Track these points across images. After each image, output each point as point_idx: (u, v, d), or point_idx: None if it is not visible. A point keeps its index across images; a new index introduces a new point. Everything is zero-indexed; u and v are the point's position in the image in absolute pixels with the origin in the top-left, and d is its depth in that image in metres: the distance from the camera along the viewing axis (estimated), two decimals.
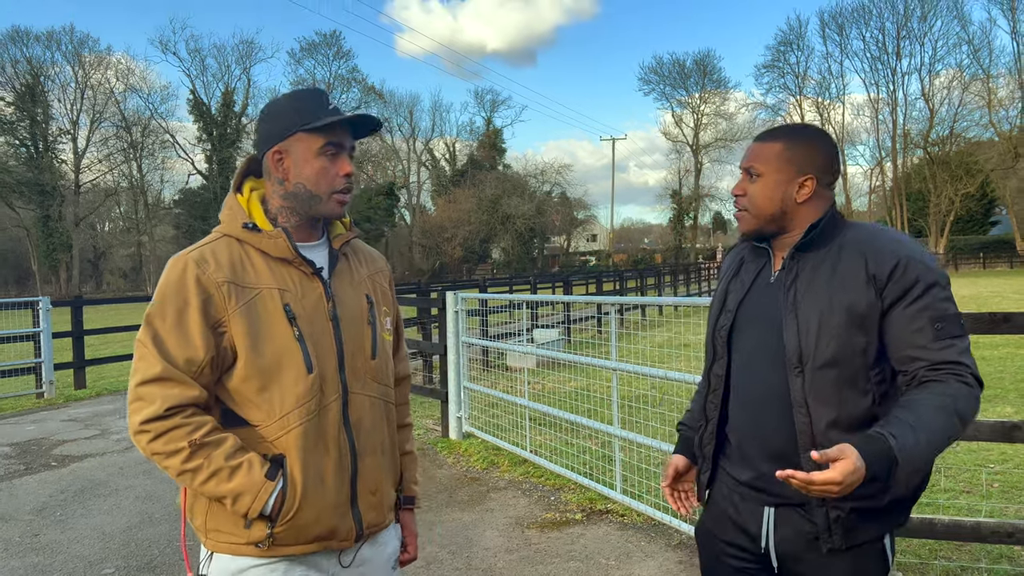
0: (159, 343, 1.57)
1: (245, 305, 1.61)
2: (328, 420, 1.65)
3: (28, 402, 10.19)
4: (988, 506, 4.70)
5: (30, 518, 5.21)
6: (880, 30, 57.88)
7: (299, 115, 1.66)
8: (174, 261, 1.63)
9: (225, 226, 1.70)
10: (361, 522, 1.71)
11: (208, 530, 1.65)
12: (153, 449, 1.55)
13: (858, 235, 1.72)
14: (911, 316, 1.62)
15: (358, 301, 1.77)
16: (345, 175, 1.70)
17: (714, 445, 1.90)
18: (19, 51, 50.31)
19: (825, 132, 1.82)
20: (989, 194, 56.63)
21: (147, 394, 1.56)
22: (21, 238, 52.39)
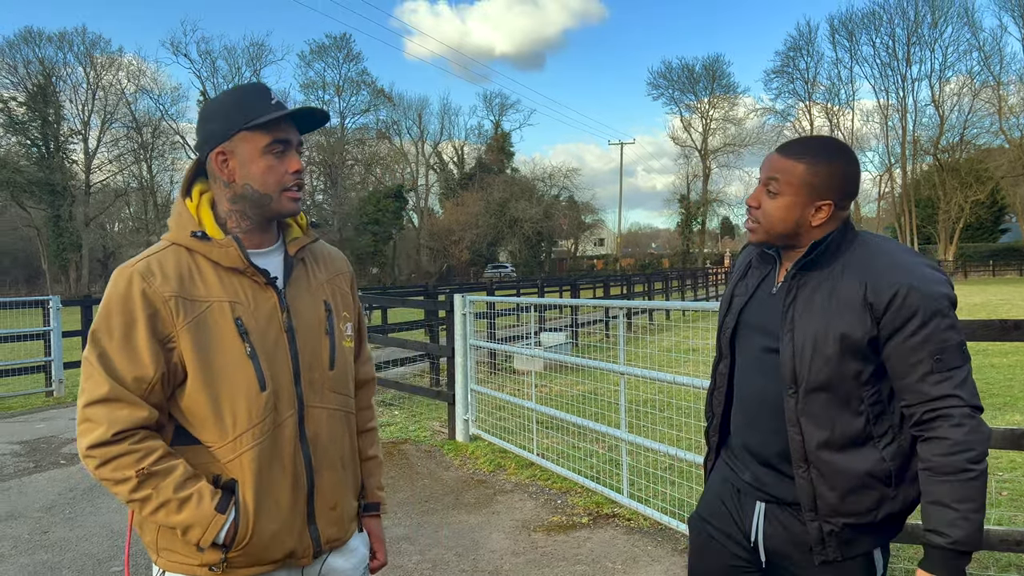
0: (106, 361, 1.49)
1: (194, 320, 1.52)
2: (283, 438, 1.59)
3: (38, 400, 10.24)
4: (997, 514, 4.68)
5: (39, 515, 5.24)
6: (890, 36, 57.81)
7: (241, 113, 1.58)
8: (119, 273, 1.55)
9: (173, 234, 1.60)
10: (319, 539, 1.66)
11: (160, 548, 1.59)
12: (101, 475, 1.48)
13: (864, 257, 1.69)
14: (910, 349, 1.61)
15: (315, 310, 1.69)
16: (294, 172, 1.61)
17: (718, 438, 1.98)
18: (31, 52, 50.65)
19: (851, 151, 1.77)
20: (999, 201, 56.43)
21: (94, 416, 1.48)
22: (32, 238, 52.66)
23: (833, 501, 1.69)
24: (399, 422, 8.26)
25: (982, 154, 54.85)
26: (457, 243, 58.29)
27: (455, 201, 61.54)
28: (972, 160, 54.79)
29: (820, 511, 1.70)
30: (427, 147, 67.75)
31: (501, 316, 12.77)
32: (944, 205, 54.94)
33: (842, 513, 1.68)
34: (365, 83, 62.48)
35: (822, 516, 1.70)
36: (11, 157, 49.21)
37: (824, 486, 1.69)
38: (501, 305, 10.50)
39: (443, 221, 62.14)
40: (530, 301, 8.94)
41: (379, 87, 63.34)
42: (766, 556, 1.82)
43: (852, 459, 1.67)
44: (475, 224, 57.95)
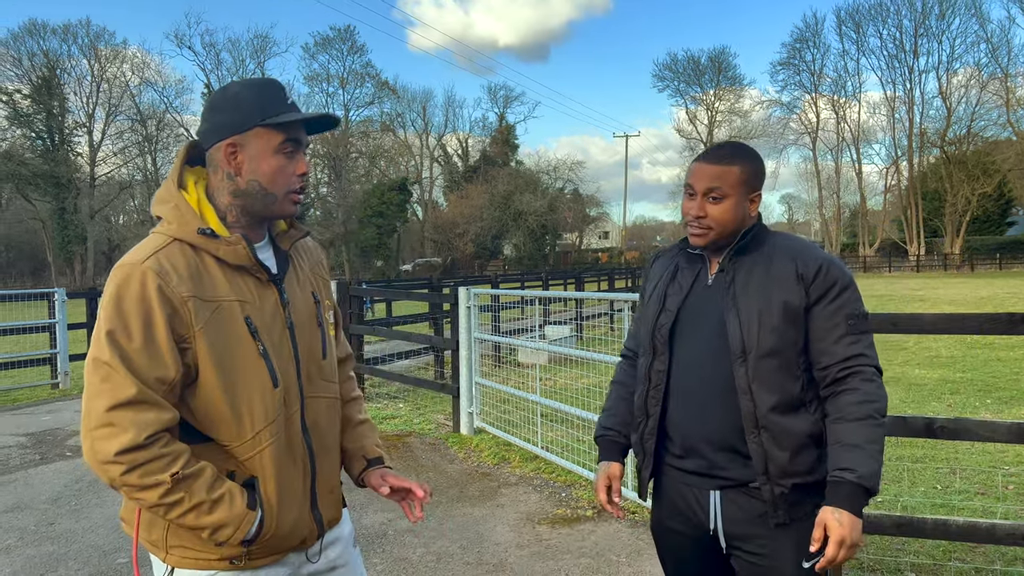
0: (129, 362, 1.43)
1: (208, 321, 1.51)
2: (292, 431, 1.63)
3: (43, 392, 10.28)
4: (1003, 508, 4.66)
5: (45, 507, 5.26)
6: (897, 27, 57.52)
7: (259, 108, 1.56)
8: (129, 271, 1.47)
9: (175, 229, 1.54)
10: (322, 522, 1.72)
11: (170, 547, 1.57)
12: (125, 481, 1.43)
13: (786, 242, 1.94)
14: (831, 313, 1.84)
15: (307, 303, 1.71)
16: (301, 174, 1.62)
17: (655, 439, 2.00)
18: (36, 44, 50.70)
19: (755, 151, 2.01)
20: (1006, 194, 56.13)
21: (119, 420, 1.42)
22: (37, 230, 52.82)
23: (783, 462, 1.82)
24: (403, 415, 8.27)
25: (989, 146, 54.57)
26: (461, 236, 58.27)
27: (459, 194, 61.48)
28: (979, 153, 54.51)
29: (771, 474, 1.83)
30: (431, 140, 67.73)
31: (505, 309, 12.77)
32: (951, 198, 54.72)
33: (790, 473, 1.83)
34: (369, 75, 62.44)
35: (773, 479, 1.83)
36: (16, 150, 49.32)
37: (775, 448, 1.82)
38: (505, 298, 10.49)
39: (447, 214, 62.11)
40: (534, 294, 8.92)
41: (383, 79, 63.31)
42: (726, 541, 1.92)
43: (795, 421, 1.84)
44: (479, 217, 57.90)
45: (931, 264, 53.17)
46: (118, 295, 1.46)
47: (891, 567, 3.84)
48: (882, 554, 3.96)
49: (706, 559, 1.99)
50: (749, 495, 1.87)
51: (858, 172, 62.20)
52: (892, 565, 3.85)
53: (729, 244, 1.94)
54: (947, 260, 52.51)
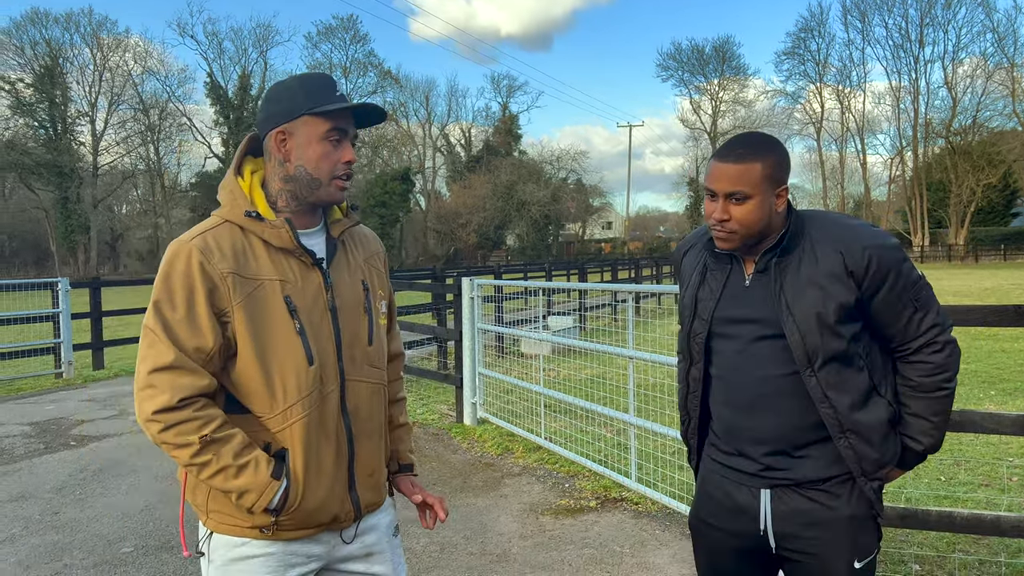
0: (170, 331, 1.57)
1: (248, 297, 1.61)
2: (328, 410, 1.68)
3: (47, 382, 10.30)
4: (1008, 500, 4.65)
5: (50, 496, 5.28)
6: (903, 17, 57.19)
7: (307, 98, 1.66)
8: (177, 248, 1.61)
9: (227, 211, 1.67)
10: (359, 504, 1.76)
11: (210, 511, 1.67)
12: (163, 439, 1.56)
13: (825, 230, 1.82)
14: (894, 299, 1.79)
15: (355, 289, 1.78)
16: (346, 162, 1.69)
17: (698, 438, 2.06)
18: (38, 33, 50.67)
19: (777, 139, 1.88)
20: (1011, 185, 55.86)
21: (158, 382, 1.55)
22: (40, 219, 52.89)
23: (875, 456, 1.82)
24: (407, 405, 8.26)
25: (995, 137, 54.29)
26: (464, 226, 58.22)
27: (462, 184, 61.40)
28: (984, 143, 54.26)
29: (867, 472, 1.82)
30: (434, 129, 67.55)
31: (509, 300, 12.76)
32: (956, 188, 54.51)
33: (883, 464, 1.84)
34: (372, 64, 62.37)
35: (869, 475, 1.82)
36: (19, 139, 49.33)
37: (865, 446, 1.80)
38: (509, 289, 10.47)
39: (450, 204, 62.05)
40: (538, 285, 8.91)
41: (386, 69, 63.20)
42: (776, 540, 1.88)
43: (873, 413, 1.81)
44: (482, 207, 57.83)
45: (935, 255, 53.02)
46: (167, 270, 1.60)
47: (895, 559, 3.83)
48: (886, 546, 3.95)
49: (747, 559, 1.96)
50: (800, 495, 1.85)
51: (862, 163, 62.03)
52: (896, 557, 3.85)
53: (759, 242, 1.83)
54: (951, 251, 52.36)
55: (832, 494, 1.83)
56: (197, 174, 58.39)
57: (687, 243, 2.08)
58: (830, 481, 1.83)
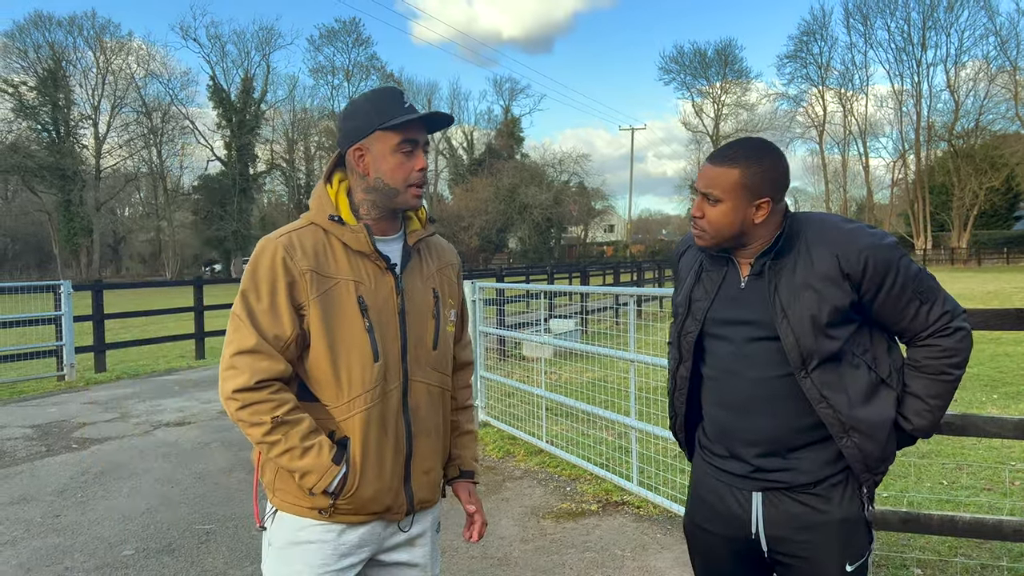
0: (254, 319, 1.71)
1: (324, 293, 1.74)
2: (389, 405, 1.79)
3: (49, 384, 10.31)
4: (1010, 504, 4.64)
5: (51, 499, 5.28)
6: (906, 20, 57.17)
7: (377, 114, 1.77)
8: (265, 243, 1.76)
9: (314, 215, 1.82)
10: (412, 499, 1.86)
11: (276, 489, 1.80)
12: (239, 416, 1.70)
13: (819, 232, 1.81)
14: (897, 298, 1.78)
15: (425, 296, 1.89)
16: (420, 169, 1.80)
17: (685, 433, 2.10)
18: (41, 36, 50.81)
19: (777, 148, 1.85)
20: (1014, 188, 55.82)
21: (240, 364, 1.70)
22: (43, 222, 53.01)
23: (879, 453, 1.81)
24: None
25: (997, 140, 54.24)
26: (466, 229, 58.22)
27: (464, 187, 61.43)
28: (987, 146, 54.21)
29: (871, 468, 1.82)
30: (436, 132, 67.53)
31: (510, 303, 12.75)
32: (958, 192, 54.46)
33: (886, 458, 1.83)
34: (375, 68, 62.42)
35: (873, 471, 1.83)
36: (22, 142, 49.45)
37: (869, 443, 1.79)
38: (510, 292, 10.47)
39: (452, 207, 62.05)
40: (539, 288, 8.91)
41: (389, 72, 63.25)
42: (768, 544, 1.88)
43: (876, 409, 1.79)
44: (484, 210, 57.85)
45: (938, 258, 52.96)
46: (255, 263, 1.75)
47: (897, 563, 3.82)
48: (888, 550, 3.95)
49: (741, 562, 1.95)
50: (792, 499, 1.84)
51: (865, 166, 61.99)
52: (898, 561, 3.84)
53: (747, 244, 1.85)
54: (954, 254, 52.31)
55: (823, 497, 1.82)
56: (199, 177, 58.43)
57: (685, 242, 2.09)
58: (822, 484, 1.82)
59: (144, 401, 8.93)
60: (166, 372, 11.47)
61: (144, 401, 8.93)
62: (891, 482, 5.07)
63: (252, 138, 56.30)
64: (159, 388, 9.88)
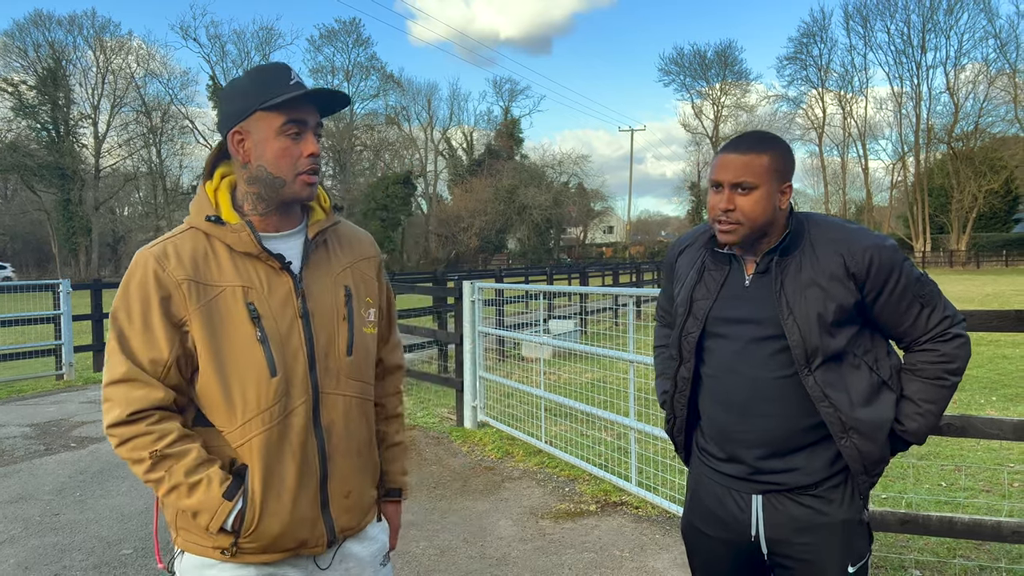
0: (124, 343, 1.52)
1: (205, 304, 1.53)
2: (294, 425, 1.57)
3: (48, 383, 10.30)
4: (1008, 505, 4.64)
5: (50, 498, 5.27)
6: (905, 23, 57.19)
7: (258, 92, 1.54)
8: (137, 256, 1.57)
9: (192, 218, 1.61)
10: (333, 528, 1.64)
11: (178, 527, 1.62)
12: (121, 454, 1.52)
13: (827, 232, 1.82)
14: (898, 299, 1.79)
15: (334, 294, 1.66)
16: (309, 155, 1.57)
17: (684, 437, 2.05)
18: (41, 35, 50.73)
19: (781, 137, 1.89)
20: (1013, 191, 55.88)
21: (113, 396, 1.52)
22: (42, 221, 52.90)
23: (877, 454, 1.80)
24: (407, 409, 8.26)
25: (997, 143, 54.30)
26: (466, 230, 58.21)
27: (464, 187, 61.38)
28: (986, 149, 54.25)
29: (869, 470, 1.81)
30: (436, 133, 67.51)
31: (510, 303, 12.75)
32: (957, 194, 54.48)
33: (884, 459, 1.83)
34: (374, 68, 62.41)
35: (871, 473, 1.82)
36: (21, 141, 49.37)
37: (868, 443, 1.78)
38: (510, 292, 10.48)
39: (452, 207, 62.04)
40: (539, 288, 8.92)
41: (388, 72, 63.25)
42: (768, 547, 1.86)
43: (877, 411, 1.79)
44: (484, 211, 57.81)
45: (937, 261, 52.98)
46: (127, 279, 1.56)
47: (896, 564, 3.82)
48: (887, 551, 3.95)
49: (740, 565, 1.94)
50: (793, 500, 1.83)
51: (864, 168, 61.99)
52: (897, 562, 3.84)
53: (760, 240, 1.83)
54: (953, 257, 52.33)
55: (825, 499, 1.81)
56: (199, 177, 58.10)
57: (683, 242, 2.05)
58: (822, 486, 1.81)
59: None
60: None
61: None
62: (890, 483, 5.07)
63: None
64: None
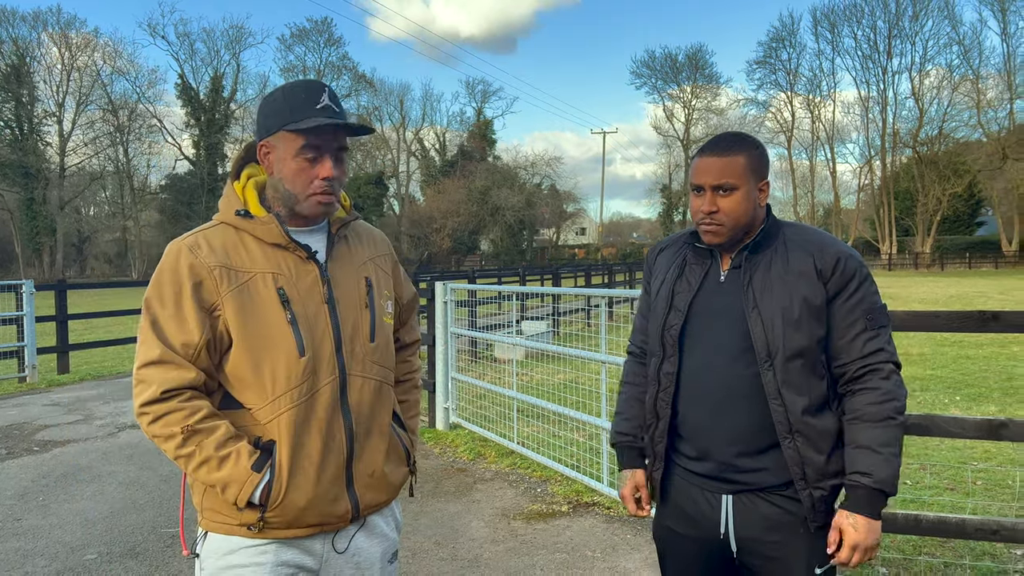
0: (158, 328, 1.61)
1: (237, 288, 1.63)
2: (320, 403, 1.66)
3: (10, 386, 10.08)
4: (972, 503, 4.73)
5: (12, 503, 5.15)
6: (872, 28, 58.22)
7: (286, 112, 1.66)
8: (170, 247, 1.67)
9: (221, 214, 1.73)
10: (358, 504, 1.72)
11: (204, 509, 1.69)
12: (152, 432, 1.60)
13: (801, 235, 1.87)
14: (849, 309, 1.80)
15: (356, 284, 1.77)
16: (324, 178, 1.66)
17: (666, 442, 1.96)
18: (4, 31, 49.75)
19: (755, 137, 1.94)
20: (976, 195, 57.12)
21: (147, 377, 1.60)
22: (4, 221, 51.83)
23: (820, 464, 1.79)
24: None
25: (960, 147, 55.46)
26: (438, 231, 58.08)
27: (436, 188, 61.27)
28: (950, 153, 55.38)
29: (809, 478, 1.79)
30: (408, 133, 67.34)
31: (482, 304, 12.73)
32: (922, 197, 55.52)
33: (828, 475, 1.80)
34: (346, 68, 62.04)
35: (811, 483, 1.79)
36: None
37: (811, 451, 1.78)
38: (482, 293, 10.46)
39: (424, 208, 61.88)
40: (511, 289, 8.92)
41: (360, 72, 62.91)
42: (736, 545, 1.87)
43: (826, 421, 1.81)
44: (456, 212, 57.76)
45: (903, 263, 53.95)
46: (159, 268, 1.66)
47: None
48: None
49: (712, 565, 1.94)
50: (763, 499, 1.83)
51: (832, 171, 62.94)
52: None
53: (743, 236, 1.87)
54: (918, 259, 53.31)
55: (794, 499, 1.82)
56: (167, 176, 57.58)
57: (663, 243, 2.10)
58: (791, 486, 1.81)
59: (108, 403, 8.77)
60: (131, 373, 11.26)
61: (108, 403, 8.77)
62: None
63: (221, 137, 55.63)
64: (124, 390, 9.70)
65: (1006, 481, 5.21)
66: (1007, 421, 3.12)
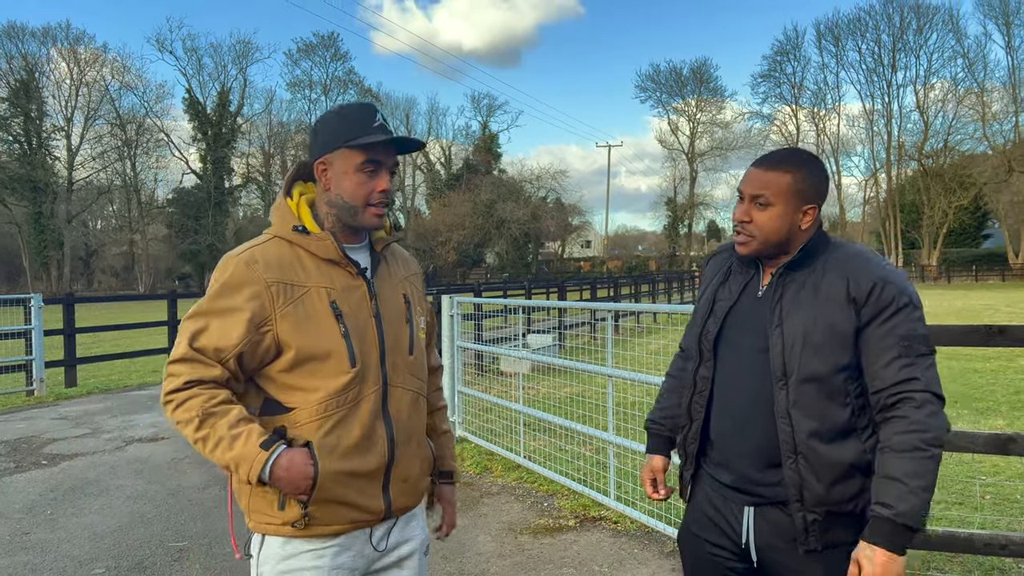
0: (198, 334, 1.70)
1: (293, 303, 1.72)
2: (364, 410, 1.75)
3: (18, 400, 10.12)
4: (980, 518, 4.71)
5: (20, 517, 5.17)
6: (876, 42, 58.38)
7: (344, 131, 1.76)
8: (225, 261, 1.75)
9: (276, 228, 1.80)
10: (391, 505, 1.82)
11: (250, 511, 1.76)
12: (176, 418, 1.68)
13: (841, 257, 1.82)
14: (883, 335, 1.73)
15: (397, 300, 1.88)
16: (381, 191, 1.78)
17: (697, 445, 1.99)
18: (14, 47, 50.26)
19: (818, 158, 1.91)
20: (982, 207, 57.01)
21: (176, 370, 1.69)
22: (13, 234, 52.13)
23: (819, 491, 1.76)
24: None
25: (966, 160, 55.43)
26: (444, 244, 58.19)
27: (442, 201, 61.44)
28: (956, 166, 55.35)
29: (805, 501, 1.78)
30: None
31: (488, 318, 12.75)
32: (928, 210, 55.48)
33: (825, 502, 1.77)
34: (352, 82, 62.39)
35: (807, 506, 1.78)
36: None
37: (811, 476, 1.76)
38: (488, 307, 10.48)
39: (430, 222, 62.02)
40: (517, 303, 8.94)
41: (367, 86, 63.26)
42: (757, 555, 1.89)
43: (838, 450, 1.76)
44: (462, 225, 57.87)
45: (909, 276, 53.42)
46: (214, 280, 1.74)
47: None
48: None
49: (732, 572, 1.95)
50: (784, 514, 1.82)
51: (837, 184, 62.88)
52: None
53: (780, 255, 1.87)
54: (924, 272, 53.18)
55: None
56: (174, 190, 57.87)
57: (717, 249, 2.13)
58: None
59: (116, 416, 8.79)
60: (138, 387, 11.31)
61: (116, 416, 8.79)
62: None
63: (228, 151, 55.94)
64: (131, 403, 9.73)
65: (1015, 496, 5.19)
66: (1015, 436, 3.11)
